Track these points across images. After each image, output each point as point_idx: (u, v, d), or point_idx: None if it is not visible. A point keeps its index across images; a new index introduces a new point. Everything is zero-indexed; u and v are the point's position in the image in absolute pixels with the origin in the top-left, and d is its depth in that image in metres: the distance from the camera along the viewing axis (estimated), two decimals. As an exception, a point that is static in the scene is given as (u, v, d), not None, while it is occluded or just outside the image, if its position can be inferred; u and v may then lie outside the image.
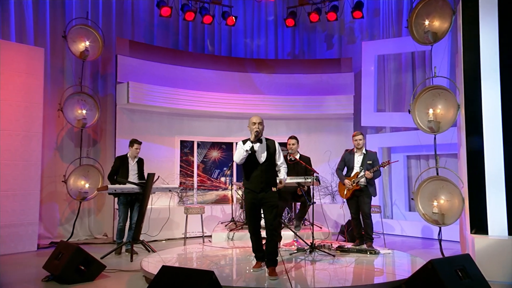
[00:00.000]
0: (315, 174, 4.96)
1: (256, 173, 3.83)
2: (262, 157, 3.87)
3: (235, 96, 7.65)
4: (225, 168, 7.85)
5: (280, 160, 4.00)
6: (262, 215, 3.88)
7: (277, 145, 3.99)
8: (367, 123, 7.59)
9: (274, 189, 3.86)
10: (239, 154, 3.83)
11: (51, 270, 4.07)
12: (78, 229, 6.70)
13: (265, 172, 3.83)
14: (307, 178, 5.09)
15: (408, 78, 7.59)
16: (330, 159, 7.93)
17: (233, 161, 7.34)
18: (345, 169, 5.39)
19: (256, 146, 3.88)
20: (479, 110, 4.46)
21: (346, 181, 5.20)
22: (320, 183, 5.33)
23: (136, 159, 5.67)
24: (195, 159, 7.72)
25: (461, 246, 5.20)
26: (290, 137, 5.56)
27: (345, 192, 5.22)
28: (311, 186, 5.17)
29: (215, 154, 7.94)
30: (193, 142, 7.77)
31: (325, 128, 8.12)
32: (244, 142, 3.92)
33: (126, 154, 5.67)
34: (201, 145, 7.84)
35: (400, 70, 7.74)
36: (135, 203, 5.53)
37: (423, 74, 7.29)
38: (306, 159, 5.48)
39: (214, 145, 7.97)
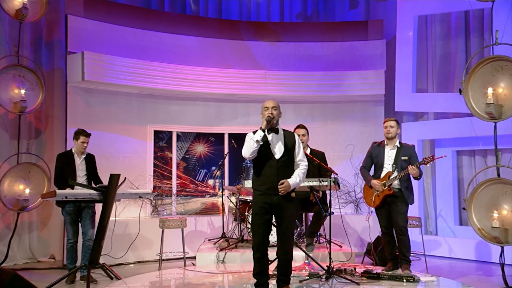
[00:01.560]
0: (333, 176, 5.04)
1: (271, 171, 3.98)
2: (278, 150, 4.03)
3: (226, 72, 7.76)
4: (213, 168, 7.97)
5: (299, 155, 4.12)
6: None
7: (297, 138, 4.15)
8: (403, 108, 7.72)
9: (292, 194, 4.03)
10: (248, 146, 3.97)
11: (-22, 305, 4.11)
12: (15, 250, 6.70)
13: (282, 170, 3.98)
14: (323, 181, 5.12)
15: (459, 47, 7.64)
16: (353, 155, 8.06)
17: (223, 159, 7.40)
18: (373, 168, 5.47)
19: (270, 136, 4.03)
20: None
21: (375, 183, 5.26)
22: (339, 187, 5.36)
23: (83, 156, 5.71)
24: (174, 156, 7.82)
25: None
26: (298, 126, 5.65)
27: (372, 199, 5.31)
28: (327, 191, 5.23)
29: (200, 149, 8.06)
30: (171, 133, 7.88)
31: (346, 115, 8.25)
32: (255, 133, 4.08)
33: (71, 150, 5.71)
34: (182, 136, 7.96)
35: (449, 36, 7.78)
36: (85, 213, 5.57)
37: (480, 41, 7.37)
38: (319, 155, 5.56)
39: (200, 137, 8.06)
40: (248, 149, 3.98)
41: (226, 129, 8.14)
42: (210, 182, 8.08)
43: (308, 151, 5.65)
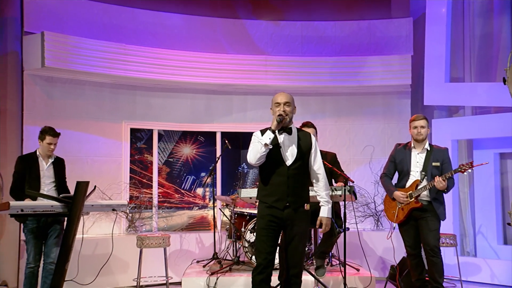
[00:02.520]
0: (349, 184, 5.09)
1: (281, 180, 4.04)
2: (291, 155, 4.07)
3: (219, 58, 7.84)
4: (203, 174, 8.08)
5: (316, 163, 4.20)
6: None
7: (313, 140, 4.20)
8: (433, 101, 7.73)
9: (307, 206, 4.09)
10: (255, 150, 4.01)
11: None
12: (-40, 275, 6.73)
13: (295, 179, 4.05)
14: (335, 190, 5.17)
15: (503, 26, 7.63)
16: (373, 159, 8.17)
17: (215, 163, 7.40)
18: (396, 175, 5.53)
19: (281, 138, 4.07)
20: None
21: (398, 194, 5.26)
22: (356, 198, 5.41)
23: (51, 160, 5.71)
24: (155, 159, 7.92)
25: None
26: (305, 124, 5.72)
27: (395, 213, 5.33)
28: (341, 203, 5.29)
29: (187, 151, 8.16)
30: (151, 131, 7.98)
31: (364, 110, 8.32)
32: (263, 132, 4.09)
33: (35, 152, 5.70)
34: (164, 136, 8.07)
35: (491, 13, 7.77)
36: (51, 230, 5.56)
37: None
38: (330, 158, 5.66)
39: (186, 136, 8.16)
40: (255, 154, 4.01)
41: (219, 127, 8.20)
42: (199, 191, 8.15)
43: (317, 153, 5.67)
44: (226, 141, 7.25)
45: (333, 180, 5.74)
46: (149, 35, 7.73)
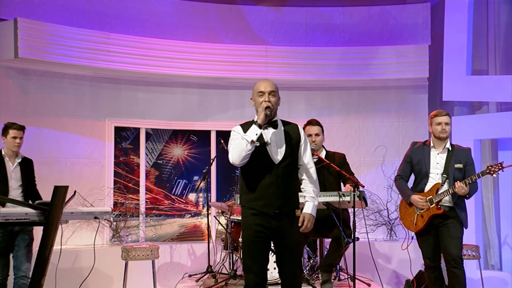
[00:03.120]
0: (359, 188, 5.14)
1: (269, 181, 3.96)
2: (279, 152, 3.99)
3: (213, 48, 7.87)
4: (196, 178, 8.11)
5: (306, 156, 4.14)
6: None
7: (301, 132, 4.14)
8: (453, 96, 7.68)
9: (298, 212, 4.07)
10: (239, 148, 3.89)
11: None
12: None
13: (285, 179, 3.99)
14: (344, 195, 5.22)
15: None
16: (386, 160, 8.15)
17: (210, 165, 7.45)
18: (411, 178, 5.52)
19: (268, 133, 3.99)
20: None
21: (416, 199, 5.26)
22: (366, 204, 5.47)
23: (18, 160, 5.71)
24: (143, 161, 7.96)
25: None
26: (309, 123, 5.74)
27: (414, 220, 5.32)
28: (350, 210, 5.27)
29: (178, 151, 8.19)
30: (138, 130, 8.03)
31: (376, 106, 8.32)
32: (245, 127, 4.02)
33: (0, 152, 5.73)
34: (153, 135, 8.11)
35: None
36: (19, 239, 5.56)
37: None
38: (339, 159, 5.68)
39: (177, 135, 8.19)
40: (239, 153, 3.88)
41: (213, 125, 8.22)
42: (192, 197, 8.18)
43: (323, 154, 5.70)
44: (222, 141, 7.18)
45: (341, 184, 5.75)
46: (135, 23, 7.76)
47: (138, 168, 7.93)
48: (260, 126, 3.89)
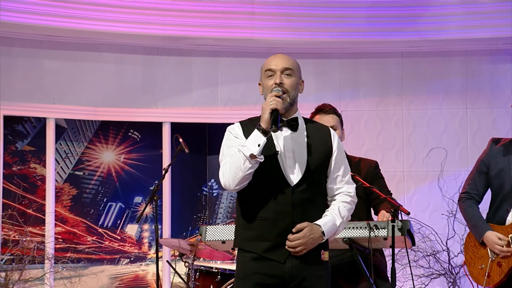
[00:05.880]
0: (401, 215, 4.40)
1: (280, 211, 3.48)
2: (297, 167, 3.53)
3: None
4: (139, 199, 7.53)
5: (339, 177, 3.59)
6: None
7: (334, 138, 3.67)
8: None
9: (324, 255, 3.57)
10: (234, 164, 3.46)
11: None
12: None
13: (303, 210, 3.49)
14: (376, 227, 4.52)
15: None
16: (445, 171, 7.36)
17: (161, 179, 6.15)
18: (487, 195, 4.97)
19: (282, 137, 3.55)
20: None
21: (493, 237, 4.64)
22: (414, 242, 4.70)
23: None
24: (51, 173, 7.28)
25: None
26: (321, 110, 5.13)
27: (486, 270, 4.75)
28: (386, 251, 4.84)
29: (109, 157, 7.49)
30: (43, 121, 7.37)
31: (429, 82, 7.55)
32: (249, 128, 3.53)
33: None
34: (68, 130, 7.43)
35: None
36: None
37: None
38: (367, 170, 5.09)
39: (108, 129, 7.57)
40: (235, 173, 3.40)
41: (167, 114, 7.44)
42: (131, 230, 7.39)
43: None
44: (181, 140, 6.20)
45: (371, 210, 4.90)
46: None
47: (43, 184, 7.16)
48: (265, 132, 3.34)
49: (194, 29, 7.12)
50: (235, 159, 3.40)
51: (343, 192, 3.56)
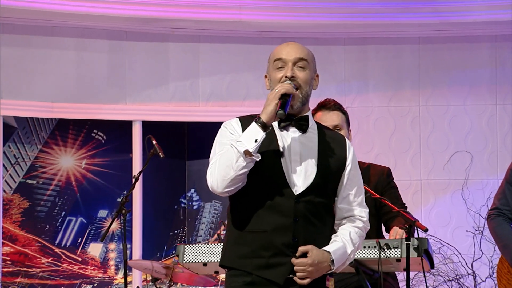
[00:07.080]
0: (418, 232, 4.15)
1: (280, 223, 3.32)
2: (303, 174, 3.32)
3: None
4: (105, 214, 7.40)
5: (352, 195, 3.36)
6: None
7: (349, 148, 3.42)
8: None
9: (330, 282, 3.47)
10: (226, 162, 3.22)
11: None
12: None
13: (306, 224, 3.35)
14: (388, 247, 4.20)
15: None
16: (470, 179, 7.26)
17: (131, 189, 6.15)
18: None
19: (288, 138, 3.29)
20: None
21: None
22: (433, 265, 4.48)
23: None
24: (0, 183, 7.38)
25: None
26: (324, 105, 4.84)
27: None
28: (400, 275, 4.69)
29: (68, 162, 7.32)
30: None
31: (452, 73, 7.40)
32: (247, 123, 3.26)
33: None
34: (18, 129, 7.37)
35: None
36: None
37: None
38: (378, 178, 4.86)
39: (66, 129, 7.41)
40: (225, 172, 3.15)
41: (138, 111, 7.28)
42: (94, 250, 7.23)
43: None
44: (154, 142, 6.14)
45: (382, 226, 4.68)
46: None
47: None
48: (265, 127, 3.04)
49: (170, 9, 6.91)
50: (227, 156, 3.16)
51: (354, 215, 3.32)
